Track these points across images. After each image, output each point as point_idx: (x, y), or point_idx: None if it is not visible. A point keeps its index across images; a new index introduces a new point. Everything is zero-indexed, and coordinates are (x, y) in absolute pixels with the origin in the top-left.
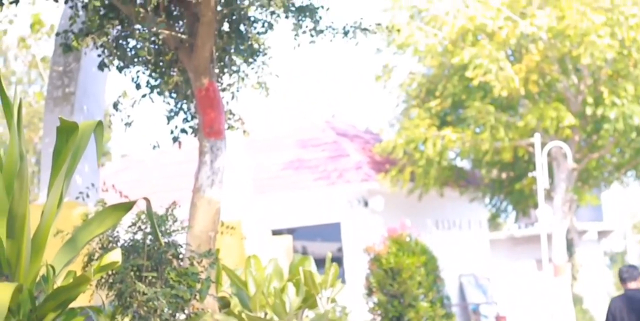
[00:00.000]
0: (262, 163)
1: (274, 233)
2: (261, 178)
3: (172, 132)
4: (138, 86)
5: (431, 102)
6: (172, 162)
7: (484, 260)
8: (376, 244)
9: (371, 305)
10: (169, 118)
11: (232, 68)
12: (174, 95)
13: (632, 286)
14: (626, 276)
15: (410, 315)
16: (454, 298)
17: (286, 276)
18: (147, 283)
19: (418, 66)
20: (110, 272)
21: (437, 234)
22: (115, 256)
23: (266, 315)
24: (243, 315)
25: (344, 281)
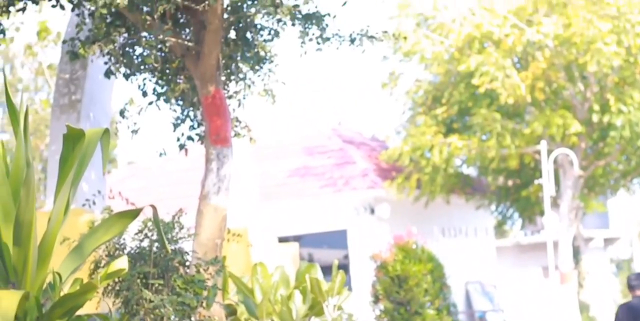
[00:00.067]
0: (268, 170)
1: (281, 240)
2: (267, 186)
3: (178, 140)
4: (144, 93)
5: (437, 109)
6: (179, 169)
7: (490, 268)
8: (382, 251)
9: (378, 312)
10: (175, 126)
11: (239, 75)
12: (181, 103)
13: None
14: (635, 283)
15: None
16: (461, 306)
17: (293, 284)
18: (154, 290)
19: (424, 73)
20: (117, 279)
21: (444, 241)
22: (122, 263)
23: None
24: None
25: (350, 289)
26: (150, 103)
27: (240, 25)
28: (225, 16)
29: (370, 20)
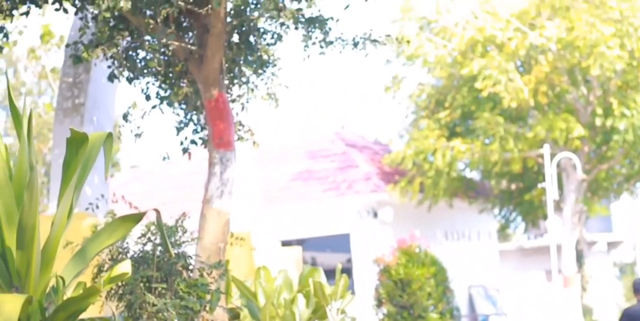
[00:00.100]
0: (271, 174)
1: (284, 244)
2: (271, 190)
3: (181, 143)
4: (148, 97)
5: (440, 113)
6: (182, 173)
7: (493, 271)
8: (386, 255)
9: (381, 316)
10: (178, 130)
11: (242, 79)
12: (184, 107)
13: None
14: None
15: None
16: (464, 310)
17: (296, 288)
18: (157, 294)
19: (427, 77)
20: (120, 283)
21: (447, 245)
22: (125, 267)
23: None
24: None
25: (353, 293)
26: (154, 107)
27: (244, 29)
28: (229, 20)
29: (373, 24)
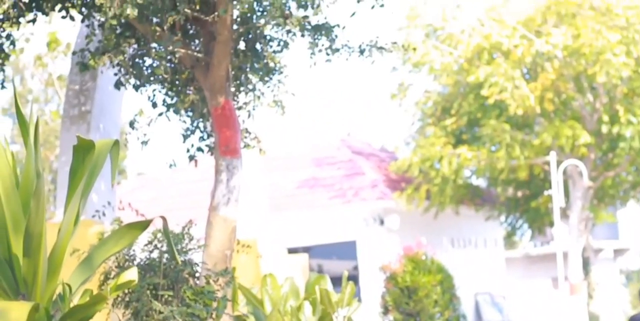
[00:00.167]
0: (277, 181)
1: (290, 251)
2: (277, 197)
3: (188, 151)
4: (154, 105)
5: (447, 120)
6: (188, 180)
7: (499, 279)
8: (392, 262)
9: None
10: (185, 137)
11: (248, 86)
12: (190, 114)
13: None
14: None
15: None
16: (470, 317)
17: (302, 295)
18: (164, 301)
19: (433, 84)
20: (127, 291)
21: (453, 252)
22: (132, 274)
23: None
24: None
25: (360, 300)
26: (160, 115)
27: (250, 36)
28: (235, 27)
29: (380, 31)
